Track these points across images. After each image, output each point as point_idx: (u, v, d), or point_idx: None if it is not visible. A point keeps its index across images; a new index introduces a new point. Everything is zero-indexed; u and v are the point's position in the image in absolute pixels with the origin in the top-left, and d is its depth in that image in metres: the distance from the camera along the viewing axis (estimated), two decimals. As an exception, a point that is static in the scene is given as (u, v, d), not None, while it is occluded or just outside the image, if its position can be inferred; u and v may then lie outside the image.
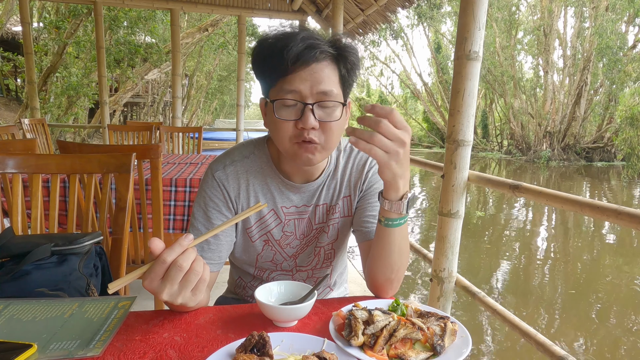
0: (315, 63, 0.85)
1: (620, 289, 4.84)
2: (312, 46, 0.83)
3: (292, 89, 0.85)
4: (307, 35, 0.85)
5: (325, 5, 5.49)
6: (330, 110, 0.88)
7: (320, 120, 0.87)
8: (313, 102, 0.85)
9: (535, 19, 18.54)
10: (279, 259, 1.05)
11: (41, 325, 0.77)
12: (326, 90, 0.85)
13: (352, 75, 0.91)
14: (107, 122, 5.64)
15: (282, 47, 0.83)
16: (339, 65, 0.89)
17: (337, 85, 0.88)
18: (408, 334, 0.73)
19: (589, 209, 1.36)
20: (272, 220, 1.01)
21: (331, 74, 0.87)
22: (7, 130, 3.14)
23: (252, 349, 0.67)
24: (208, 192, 0.98)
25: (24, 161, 1.29)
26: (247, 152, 1.01)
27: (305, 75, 0.84)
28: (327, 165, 1.02)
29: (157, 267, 0.66)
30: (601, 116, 17.82)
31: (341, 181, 1.04)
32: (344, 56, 0.88)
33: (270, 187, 0.99)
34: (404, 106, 26.98)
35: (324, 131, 0.88)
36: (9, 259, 1.01)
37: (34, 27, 9.40)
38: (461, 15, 1.83)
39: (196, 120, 18.51)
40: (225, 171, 0.98)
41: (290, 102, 0.86)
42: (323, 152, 0.90)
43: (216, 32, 11.08)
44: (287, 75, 0.85)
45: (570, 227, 7.68)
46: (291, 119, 0.87)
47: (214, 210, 0.97)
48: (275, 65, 0.85)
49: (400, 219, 0.85)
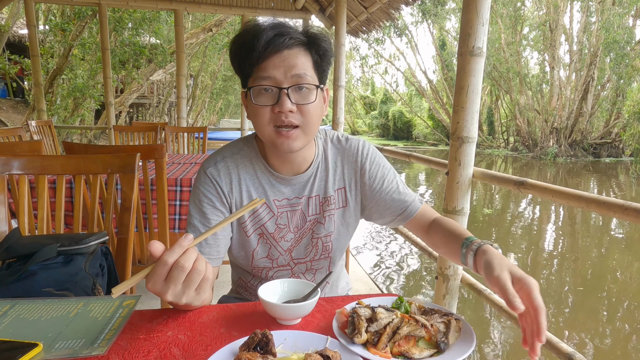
0: (287, 49, 0.89)
1: (629, 286, 4.80)
2: (282, 33, 0.88)
3: (266, 75, 0.89)
4: (277, 24, 0.89)
5: (329, 3, 5.48)
6: (306, 93, 0.91)
7: (296, 104, 0.90)
8: (288, 86, 0.89)
9: (540, 14, 18.36)
10: (274, 254, 1.06)
11: (47, 324, 0.78)
12: (300, 74, 0.89)
13: (325, 61, 0.95)
14: (113, 123, 5.68)
15: (252, 36, 0.88)
16: (311, 52, 0.92)
17: (310, 69, 0.92)
18: (411, 331, 0.73)
19: (595, 205, 1.35)
20: (265, 214, 1.02)
21: (304, 59, 0.91)
22: (15, 132, 3.17)
23: (255, 347, 0.67)
24: (201, 189, 1.00)
25: (30, 162, 1.30)
26: (236, 148, 1.04)
27: (278, 61, 0.88)
28: (315, 157, 1.04)
29: (159, 269, 0.66)
30: (608, 111, 17.62)
31: (333, 172, 1.06)
32: (315, 43, 0.92)
33: (261, 180, 1.02)
34: (409, 104, 26.89)
35: (302, 113, 0.91)
36: (16, 259, 1.02)
37: (40, 30, 9.47)
38: (464, 11, 1.82)
39: (201, 121, 18.57)
40: (217, 167, 1.01)
41: (266, 87, 0.90)
42: (303, 137, 0.93)
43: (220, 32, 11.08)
44: (260, 63, 0.89)
45: (578, 223, 7.62)
46: (268, 104, 0.90)
47: (208, 205, 0.99)
48: (248, 54, 0.89)
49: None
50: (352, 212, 1.08)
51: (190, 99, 15.95)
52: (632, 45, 15.50)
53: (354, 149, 1.07)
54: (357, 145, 1.07)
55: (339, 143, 1.08)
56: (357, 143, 1.08)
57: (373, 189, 1.06)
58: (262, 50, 0.87)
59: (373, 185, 1.06)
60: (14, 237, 1.05)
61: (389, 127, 29.03)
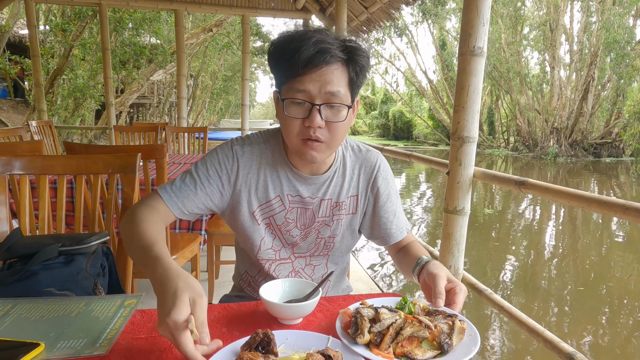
0: (326, 66, 0.89)
1: (630, 286, 4.80)
2: (323, 50, 0.87)
3: (301, 89, 0.89)
4: (320, 38, 0.88)
5: (329, 3, 5.48)
6: (337, 111, 0.92)
7: (326, 120, 0.91)
8: (321, 103, 0.90)
9: (541, 14, 18.35)
10: (277, 245, 1.08)
11: (48, 324, 0.78)
12: (334, 92, 0.90)
13: (360, 78, 0.95)
14: (114, 123, 5.68)
15: (294, 49, 0.87)
16: (349, 68, 0.92)
17: (345, 86, 0.92)
18: (415, 332, 0.73)
19: (596, 205, 1.35)
20: (278, 206, 1.05)
21: (340, 76, 0.91)
22: (15, 132, 3.17)
23: (256, 346, 0.67)
24: (220, 155, 1.02)
25: (31, 162, 1.30)
26: (263, 139, 1.06)
27: (315, 76, 0.89)
28: (334, 161, 1.06)
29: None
30: (609, 111, 17.61)
31: (350, 179, 1.08)
32: (354, 59, 0.92)
33: (279, 174, 1.04)
34: (409, 104, 26.89)
35: (330, 130, 0.93)
36: (17, 260, 1.02)
37: (41, 30, 9.48)
38: (465, 11, 1.83)
39: (202, 121, 18.57)
40: (243, 149, 1.03)
41: (299, 101, 0.91)
42: (327, 150, 0.96)
43: (220, 33, 11.08)
44: (297, 76, 0.89)
45: (579, 223, 7.62)
46: (299, 117, 0.92)
47: (216, 171, 1.01)
48: (288, 66, 0.89)
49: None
50: (358, 219, 1.11)
51: (191, 99, 15.95)
52: (632, 45, 15.50)
53: (373, 161, 1.10)
54: (376, 157, 1.11)
55: (360, 152, 1.11)
56: (376, 155, 1.11)
57: (376, 203, 1.10)
58: (301, 67, 0.87)
59: (377, 200, 1.10)
60: (15, 237, 1.05)
61: (389, 127, 29.04)
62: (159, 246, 0.81)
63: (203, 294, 0.69)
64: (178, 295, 0.67)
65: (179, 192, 0.98)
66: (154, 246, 0.80)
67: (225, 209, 1.06)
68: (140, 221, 0.90)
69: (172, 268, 0.73)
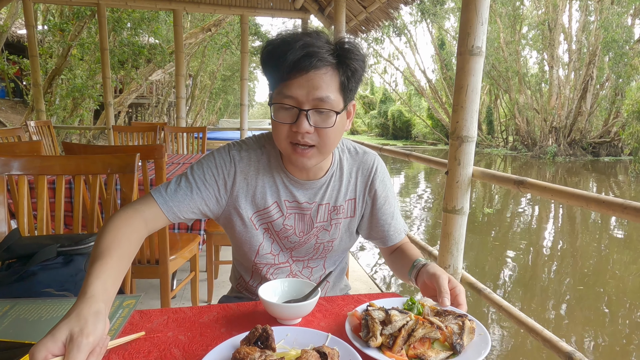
0: (314, 70, 0.85)
1: (628, 285, 4.80)
2: (310, 54, 0.84)
3: (289, 95, 0.87)
4: (307, 42, 0.85)
5: (328, 3, 5.48)
6: (326, 116, 0.89)
7: (315, 126, 0.89)
8: (308, 109, 0.87)
9: (539, 13, 18.37)
10: (276, 250, 1.07)
11: (47, 324, 0.78)
12: (322, 97, 0.87)
13: (353, 81, 0.91)
14: (112, 123, 5.67)
15: (280, 54, 0.85)
16: (339, 72, 0.89)
17: (335, 91, 0.89)
18: (427, 334, 0.72)
19: (595, 204, 1.35)
20: (275, 212, 1.03)
21: (330, 81, 0.88)
22: (14, 132, 3.16)
23: (255, 341, 0.67)
24: (217, 159, 0.99)
25: (30, 163, 1.30)
26: (260, 144, 1.04)
27: (303, 81, 0.86)
28: (331, 166, 1.05)
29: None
30: (608, 110, 17.64)
31: (347, 182, 1.07)
32: (345, 63, 0.88)
33: (275, 179, 1.02)
34: (408, 103, 26.90)
35: (319, 135, 0.90)
36: (16, 260, 1.02)
37: (39, 30, 9.46)
38: (463, 10, 1.83)
39: (200, 120, 18.55)
40: (241, 154, 1.01)
41: (287, 106, 0.88)
42: (319, 155, 0.94)
43: (219, 32, 11.07)
44: (285, 80, 0.87)
45: (578, 222, 7.63)
46: (287, 122, 0.90)
47: (212, 176, 0.98)
48: (275, 70, 0.88)
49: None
50: (356, 222, 1.11)
51: (190, 99, 15.93)
52: (630, 44, 15.53)
53: (370, 163, 1.09)
54: (373, 159, 1.09)
55: (356, 154, 1.09)
56: (373, 157, 1.10)
57: (374, 205, 1.09)
58: (287, 72, 0.85)
59: (375, 203, 1.09)
60: (13, 237, 1.05)
61: (388, 127, 29.05)
62: (102, 262, 0.74)
63: (92, 334, 0.59)
64: (57, 326, 0.59)
65: (174, 196, 0.95)
66: (97, 260, 0.74)
67: (220, 214, 1.03)
68: (108, 229, 0.83)
69: (88, 292, 0.66)
